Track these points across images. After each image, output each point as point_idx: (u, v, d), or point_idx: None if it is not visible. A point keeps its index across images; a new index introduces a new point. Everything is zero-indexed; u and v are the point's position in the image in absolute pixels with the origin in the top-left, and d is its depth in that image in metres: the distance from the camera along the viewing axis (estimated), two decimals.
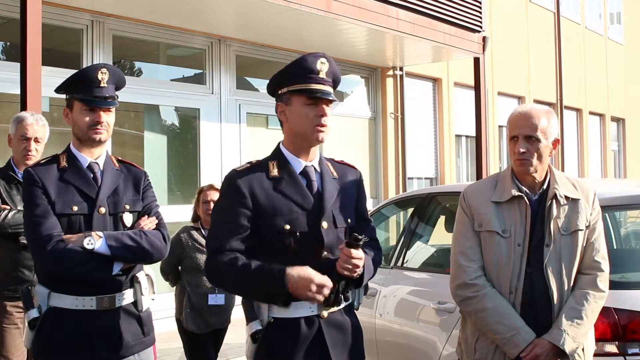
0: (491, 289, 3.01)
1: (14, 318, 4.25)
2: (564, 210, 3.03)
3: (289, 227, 2.65)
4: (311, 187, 2.74)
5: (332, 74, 2.76)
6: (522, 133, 3.00)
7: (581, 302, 2.97)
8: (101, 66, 3.08)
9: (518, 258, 3.00)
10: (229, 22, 8.76)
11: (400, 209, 6.10)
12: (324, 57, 2.74)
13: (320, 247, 2.68)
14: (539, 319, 2.97)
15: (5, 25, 7.62)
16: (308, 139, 2.72)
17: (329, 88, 2.73)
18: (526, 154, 2.99)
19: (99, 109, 3.03)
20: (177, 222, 6.75)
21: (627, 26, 21.27)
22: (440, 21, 10.13)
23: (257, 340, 2.68)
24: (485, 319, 2.99)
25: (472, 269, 3.05)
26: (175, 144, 9.48)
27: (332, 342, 2.69)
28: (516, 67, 15.19)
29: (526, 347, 2.91)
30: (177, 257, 5.13)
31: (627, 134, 20.91)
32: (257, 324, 2.69)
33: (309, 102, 2.69)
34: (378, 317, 4.83)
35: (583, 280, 3.02)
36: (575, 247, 3.02)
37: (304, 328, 2.66)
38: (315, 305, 2.66)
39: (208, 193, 5.21)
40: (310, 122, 2.69)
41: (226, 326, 5.29)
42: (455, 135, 13.39)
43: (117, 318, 2.99)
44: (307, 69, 2.70)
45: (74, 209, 2.95)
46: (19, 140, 4.30)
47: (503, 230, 3.02)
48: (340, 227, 2.75)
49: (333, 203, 2.75)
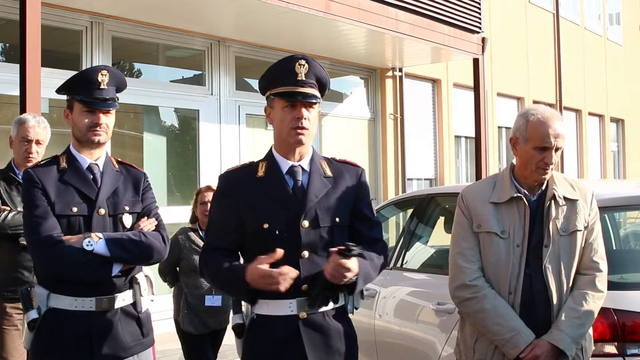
0: (490, 290, 3.01)
1: (13, 319, 4.25)
2: (563, 211, 3.03)
3: (267, 225, 2.68)
4: (296, 186, 2.75)
5: (315, 75, 2.74)
6: (557, 145, 2.98)
7: (580, 303, 2.96)
8: (101, 68, 3.08)
9: (517, 259, 2.99)
10: (229, 23, 8.76)
11: (399, 210, 6.09)
12: (304, 58, 2.73)
13: (300, 246, 2.68)
14: (538, 319, 2.97)
15: (5, 26, 7.62)
16: (288, 141, 2.74)
17: (310, 89, 2.72)
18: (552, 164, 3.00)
19: (98, 111, 3.02)
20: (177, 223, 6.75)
21: (626, 27, 21.28)
22: (439, 22, 10.14)
23: (239, 334, 2.77)
24: (485, 320, 2.99)
25: (471, 270, 3.04)
26: (174, 145, 9.48)
27: (310, 344, 2.68)
28: (515, 68, 15.20)
29: (525, 348, 2.91)
30: (175, 258, 5.13)
31: (627, 135, 20.91)
32: (239, 318, 2.78)
33: (287, 104, 2.70)
34: (377, 318, 4.83)
35: (582, 281, 3.02)
36: (574, 248, 3.02)
37: (282, 327, 2.68)
38: (294, 305, 2.67)
39: (206, 194, 5.21)
40: (287, 125, 2.71)
41: (224, 327, 5.29)
42: (454, 136, 13.39)
43: (116, 319, 2.98)
44: (286, 72, 2.71)
45: (73, 210, 2.95)
46: (21, 142, 4.31)
47: (502, 231, 3.02)
48: (324, 227, 2.73)
49: (318, 202, 2.73)
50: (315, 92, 2.74)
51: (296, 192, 2.74)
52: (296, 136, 2.71)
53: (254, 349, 2.73)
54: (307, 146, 2.79)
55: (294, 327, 2.68)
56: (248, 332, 2.75)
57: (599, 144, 19.45)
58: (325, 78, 2.79)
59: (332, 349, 2.73)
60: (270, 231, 2.68)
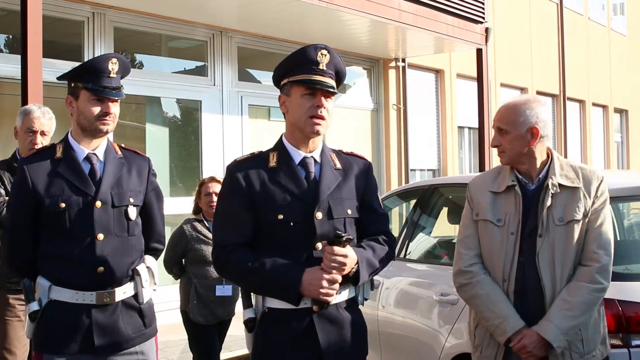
0: (485, 277, 3.04)
1: (16, 311, 4.26)
2: (561, 200, 3.00)
3: (282, 216, 2.66)
4: (309, 178, 2.73)
5: (334, 67, 2.74)
6: (496, 126, 3.14)
7: (573, 294, 2.91)
8: (112, 56, 3.03)
9: (511, 246, 3.00)
10: (231, 13, 8.73)
11: (402, 201, 6.08)
12: (325, 48, 2.73)
13: (314, 238, 2.66)
14: (530, 308, 2.97)
15: (6, 17, 7.60)
16: (304, 130, 2.72)
17: (330, 80, 2.71)
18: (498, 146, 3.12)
19: (108, 100, 2.99)
20: (179, 214, 6.76)
21: (630, 17, 21.18)
22: (442, 12, 10.09)
23: (250, 329, 2.73)
24: (479, 305, 3.03)
25: (468, 257, 3.08)
26: (177, 136, 9.47)
27: (324, 337, 2.67)
28: (519, 59, 15.14)
29: (514, 336, 2.91)
30: (181, 249, 5.12)
31: (630, 125, 20.85)
32: (251, 312, 2.74)
33: (307, 92, 2.69)
34: (381, 309, 4.82)
35: (580, 272, 2.97)
36: (571, 238, 2.97)
37: (296, 320, 2.66)
38: (307, 298, 2.65)
39: (209, 185, 5.19)
40: (305, 113, 2.69)
41: (231, 317, 5.30)
42: (457, 126, 13.35)
43: (118, 311, 2.98)
44: (308, 60, 2.70)
45: (61, 205, 2.90)
46: (26, 133, 4.31)
47: (497, 219, 3.05)
48: (338, 218, 2.72)
49: (330, 194, 2.73)
50: (334, 83, 2.74)
51: (309, 183, 2.72)
52: (313, 125, 2.69)
53: (266, 342, 2.69)
54: (320, 137, 2.79)
55: (308, 320, 2.66)
56: (259, 326, 2.71)
57: (602, 135, 19.39)
58: (343, 71, 2.79)
59: (345, 341, 2.73)
60: (285, 222, 2.66)
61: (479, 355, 3.11)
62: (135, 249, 3.08)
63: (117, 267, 2.96)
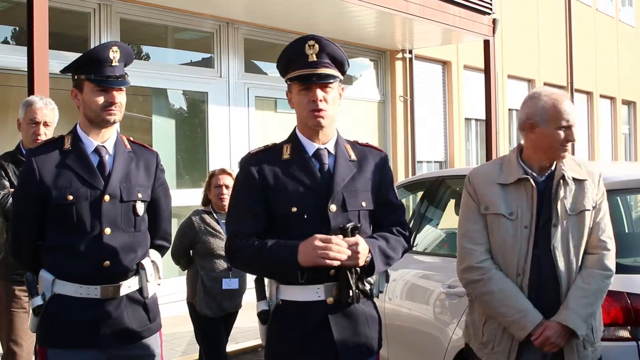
0: (497, 272, 3.00)
1: (22, 302, 4.26)
2: (571, 191, 3.02)
3: (295, 209, 2.65)
4: (323, 170, 2.72)
5: (328, 54, 2.69)
6: (575, 122, 3.03)
7: (589, 282, 2.95)
8: (112, 44, 2.99)
9: (525, 240, 2.98)
10: (238, 5, 8.70)
11: (409, 193, 6.06)
12: (313, 38, 2.69)
13: (328, 230, 2.63)
14: (547, 300, 2.96)
15: (12, 9, 7.59)
16: (308, 124, 2.71)
17: (325, 70, 2.67)
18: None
19: (112, 89, 2.94)
20: (186, 206, 6.75)
21: (639, 8, 21.05)
22: (450, 3, 10.04)
23: (264, 321, 2.71)
24: (492, 302, 2.98)
25: (478, 252, 3.03)
26: (183, 128, 9.46)
27: (338, 329, 2.65)
28: (526, 50, 15.07)
29: (536, 330, 2.89)
30: (189, 241, 5.10)
31: (638, 117, 20.76)
32: (264, 304, 2.72)
33: (302, 87, 2.68)
34: (387, 302, 4.81)
35: (590, 260, 3.00)
36: (582, 228, 3.01)
37: (311, 313, 2.65)
38: (322, 291, 2.64)
39: (220, 177, 5.16)
40: (305, 108, 2.68)
41: (238, 310, 5.29)
42: (464, 118, 13.32)
43: (122, 305, 2.95)
44: (297, 55, 2.68)
45: (69, 198, 2.87)
46: (28, 124, 4.30)
47: (510, 212, 3.01)
48: (352, 211, 2.70)
49: (345, 185, 2.71)
50: (331, 72, 2.69)
51: (323, 175, 2.71)
52: (314, 119, 2.68)
53: (280, 335, 2.68)
54: (329, 128, 2.76)
55: (322, 313, 2.65)
56: (273, 318, 2.70)
57: (610, 127, 19.32)
58: (341, 56, 2.73)
59: (360, 334, 2.71)
60: (299, 215, 2.64)
61: (489, 352, 3.05)
62: (141, 244, 3.06)
63: (123, 262, 2.94)
